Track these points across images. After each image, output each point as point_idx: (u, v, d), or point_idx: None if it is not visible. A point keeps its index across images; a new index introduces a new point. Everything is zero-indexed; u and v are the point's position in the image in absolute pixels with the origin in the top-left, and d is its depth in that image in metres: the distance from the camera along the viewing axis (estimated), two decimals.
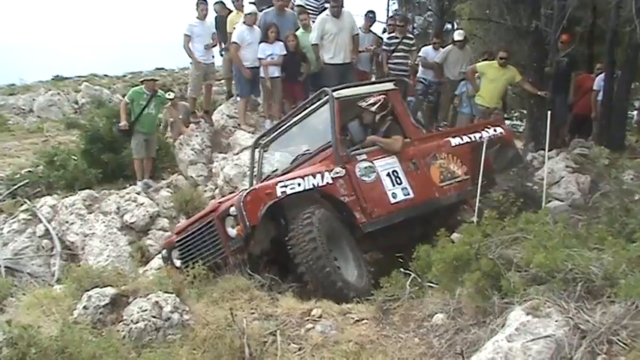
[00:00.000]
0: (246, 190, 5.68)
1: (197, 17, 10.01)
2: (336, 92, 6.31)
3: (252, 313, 4.68)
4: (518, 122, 16.04)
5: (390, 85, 6.81)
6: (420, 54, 11.15)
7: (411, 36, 11.28)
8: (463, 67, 10.69)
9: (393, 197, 6.08)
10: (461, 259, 4.44)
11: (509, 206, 5.37)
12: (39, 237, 8.40)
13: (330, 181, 5.73)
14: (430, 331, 4.21)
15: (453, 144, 6.84)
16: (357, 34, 9.59)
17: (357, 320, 4.51)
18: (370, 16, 10.58)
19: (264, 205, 5.29)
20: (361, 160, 6.08)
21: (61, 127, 16.45)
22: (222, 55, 11.03)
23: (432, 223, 6.37)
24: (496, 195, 6.09)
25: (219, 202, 5.73)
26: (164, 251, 6.29)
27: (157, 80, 9.77)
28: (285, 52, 9.48)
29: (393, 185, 6.11)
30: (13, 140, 15.25)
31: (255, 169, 7.35)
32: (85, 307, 4.44)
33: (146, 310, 4.26)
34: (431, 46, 11.25)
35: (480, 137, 7.00)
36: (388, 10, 18.53)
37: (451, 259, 4.47)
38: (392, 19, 11.39)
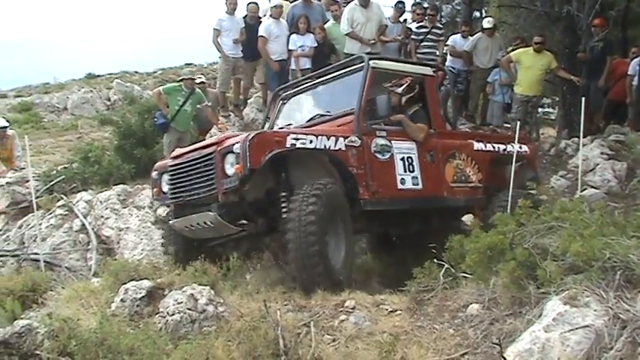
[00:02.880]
0: (254, 131, 5.44)
1: (226, 12, 10.06)
2: (373, 61, 6.12)
3: (286, 305, 4.71)
4: (551, 109, 15.80)
5: (428, 71, 6.65)
6: (449, 42, 11.06)
7: (440, 25, 11.18)
8: (493, 55, 10.56)
9: (402, 183, 5.87)
10: (495, 248, 4.41)
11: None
12: (75, 232, 8.54)
13: (343, 148, 5.47)
14: (465, 321, 4.18)
15: (475, 148, 6.67)
16: (386, 25, 9.53)
17: (391, 311, 4.50)
18: (400, 7, 10.50)
19: (270, 151, 5.01)
20: (380, 137, 5.84)
21: (95, 124, 16.68)
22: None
23: (432, 222, 6.31)
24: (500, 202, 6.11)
25: (226, 137, 5.38)
26: (154, 173, 6.05)
27: (194, 79, 9.74)
28: (316, 44, 9.46)
29: (405, 171, 5.90)
30: (48, 138, 15.52)
31: (270, 120, 7.17)
32: (122, 300, 4.53)
33: (182, 302, 4.31)
34: (459, 35, 11.14)
35: (504, 150, 6.83)
36: None
37: (485, 248, 4.43)
38: (418, 8, 11.24)
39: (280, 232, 5.11)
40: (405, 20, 10.86)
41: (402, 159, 5.91)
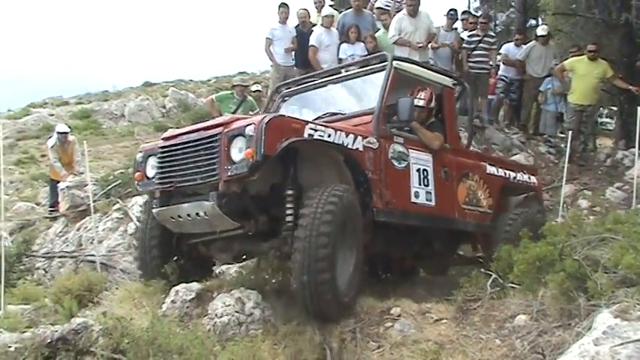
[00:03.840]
0: (270, 114, 4.93)
1: (278, 21, 10.21)
2: (397, 62, 5.72)
3: None
4: (608, 120, 15.39)
5: (448, 82, 6.24)
6: (501, 51, 10.95)
7: (492, 34, 11.07)
8: (546, 64, 10.40)
9: (415, 196, 5.37)
10: (544, 259, 4.35)
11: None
12: (130, 235, 8.79)
13: (361, 149, 4.93)
14: (512, 332, 4.13)
15: (488, 171, 6.26)
16: (434, 33, 9.50)
17: (437, 320, 4.49)
18: (452, 15, 10.44)
19: (287, 138, 4.42)
20: (397, 143, 5.34)
21: (150, 131, 17.14)
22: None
23: (434, 245, 5.93)
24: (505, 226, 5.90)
25: (234, 119, 4.73)
26: (139, 155, 5.33)
27: (247, 86, 9.91)
28: (366, 53, 9.50)
29: (419, 184, 5.42)
30: (106, 144, 16.04)
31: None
32: (172, 302, 4.68)
33: (230, 305, 4.42)
34: (512, 43, 11.02)
35: (514, 178, 6.55)
36: (469, 7, 18.23)
37: (534, 259, 4.38)
38: (470, 16, 11.17)
39: (281, 239, 4.61)
40: (456, 29, 10.79)
41: (418, 170, 5.45)
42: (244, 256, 5.43)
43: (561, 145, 9.86)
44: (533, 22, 16.52)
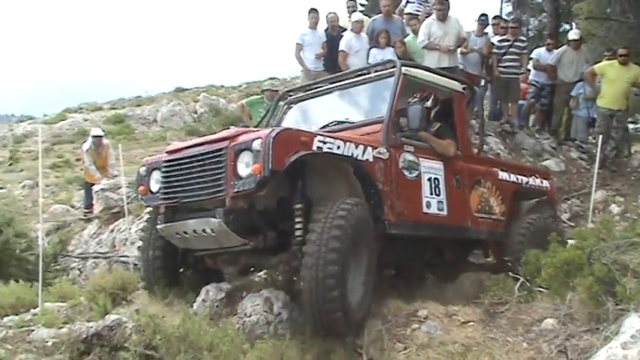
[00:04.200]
0: (277, 127, 4.71)
1: (309, 27, 10.29)
2: (405, 68, 5.51)
3: None
4: None
5: (458, 87, 6.05)
6: (533, 56, 10.88)
7: (523, 38, 10.98)
8: (578, 69, 10.30)
9: (427, 206, 5.22)
10: (572, 263, 4.35)
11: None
12: None
13: (371, 160, 4.79)
14: (539, 335, 4.13)
15: (500, 177, 6.12)
16: (464, 38, 9.49)
17: (464, 322, 4.50)
18: (482, 20, 10.41)
19: (295, 152, 4.26)
20: (408, 152, 5.19)
21: (182, 135, 17.38)
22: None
23: (445, 254, 5.82)
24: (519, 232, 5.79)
25: (240, 132, 4.58)
26: (142, 169, 5.18)
27: (276, 90, 10.02)
28: (395, 58, 9.53)
29: (431, 194, 5.27)
30: (138, 148, 16.33)
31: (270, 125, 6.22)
32: (203, 300, 4.78)
33: (258, 304, 4.49)
34: (544, 48, 10.94)
35: (526, 183, 6.41)
36: (501, 12, 18.11)
37: (562, 263, 4.39)
38: (501, 21, 11.12)
39: (290, 253, 4.49)
40: (487, 34, 10.76)
41: (429, 179, 5.30)
42: (252, 269, 5.38)
43: (593, 151, 9.75)
44: (566, 26, 16.35)
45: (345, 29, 10.25)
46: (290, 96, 6.53)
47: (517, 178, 6.31)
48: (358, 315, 4.36)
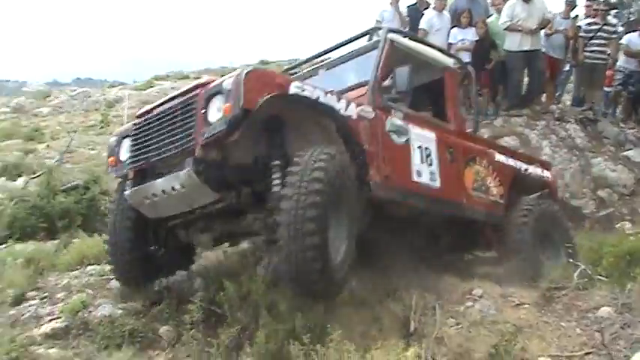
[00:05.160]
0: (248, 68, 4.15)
1: (390, 3, 10.19)
2: (393, 34, 5.24)
3: (417, 287, 4.89)
4: None
5: (450, 62, 5.79)
6: (623, 41, 10.43)
7: (613, 22, 10.53)
8: None
9: (417, 175, 4.88)
10: (635, 253, 4.29)
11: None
12: None
13: (354, 117, 4.47)
14: (594, 322, 4.14)
15: (497, 159, 5.82)
16: (549, 19, 9.23)
17: (518, 304, 4.54)
18: (570, 1, 10.07)
19: (268, 92, 3.95)
20: (396, 116, 4.88)
21: None
22: None
23: (441, 241, 5.55)
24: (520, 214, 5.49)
25: (211, 80, 4.27)
26: (113, 139, 4.85)
27: None
28: (477, 38, 9.41)
29: (422, 163, 4.94)
30: None
31: None
32: (264, 265, 5.01)
33: None
34: (636, 33, 10.45)
35: (526, 170, 6.11)
36: None
37: (624, 253, 4.34)
38: (593, 3, 10.69)
39: (268, 210, 4.07)
40: (577, 16, 10.40)
41: (420, 148, 4.97)
42: (226, 240, 5.07)
43: None
44: None
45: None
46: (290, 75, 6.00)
47: (516, 164, 6.04)
48: (339, 274, 3.97)
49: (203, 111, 4.03)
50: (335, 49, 5.75)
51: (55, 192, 7.01)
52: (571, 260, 4.85)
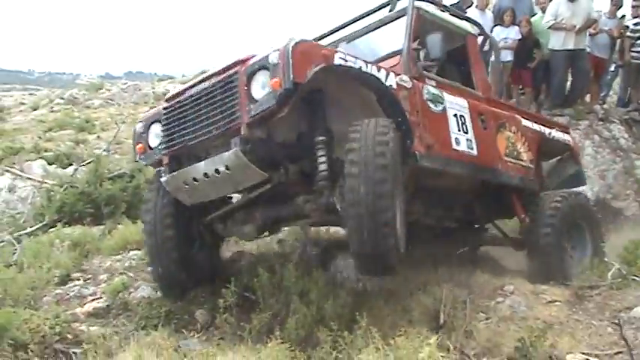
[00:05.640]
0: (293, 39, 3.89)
1: (476, 6, 10.03)
2: (419, 2, 5.12)
3: (449, 282, 4.93)
4: None
5: (470, 28, 5.70)
6: None
7: None
8: None
9: (456, 143, 4.80)
10: None
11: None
12: None
13: (394, 86, 4.33)
14: (626, 322, 4.10)
15: (524, 124, 5.73)
16: (594, 19, 9.07)
17: (549, 301, 4.53)
18: (616, 1, 9.86)
19: (316, 64, 3.80)
20: (430, 85, 4.82)
21: None
22: None
23: (475, 210, 5.54)
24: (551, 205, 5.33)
25: (249, 56, 4.03)
26: (139, 125, 4.64)
27: None
28: (520, 37, 9.31)
29: (459, 130, 4.85)
30: None
31: None
32: (299, 255, 5.15)
33: (350, 262, 4.77)
34: None
35: (549, 134, 6.01)
36: None
37: None
38: (638, 1, 10.44)
39: (317, 190, 4.03)
40: (624, 16, 10.18)
41: (455, 115, 4.88)
42: (270, 227, 4.76)
43: None
44: None
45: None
46: None
47: (540, 128, 5.96)
48: (402, 250, 3.87)
49: (246, 88, 3.86)
50: (354, 22, 5.63)
51: (102, 180, 7.28)
52: (597, 256, 4.78)
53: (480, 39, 5.95)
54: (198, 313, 4.50)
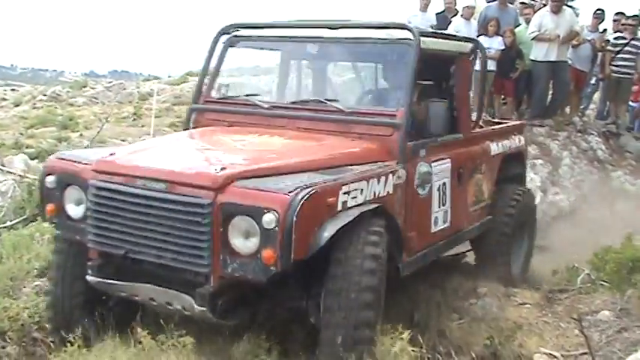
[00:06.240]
0: (303, 187, 2.96)
1: (419, 9, 10.23)
2: (423, 37, 4.04)
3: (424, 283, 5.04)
4: None
5: (466, 48, 4.72)
6: None
7: None
8: None
9: (435, 224, 4.19)
10: (638, 261, 4.38)
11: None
12: None
13: (391, 191, 3.60)
14: (592, 325, 4.22)
15: (492, 152, 5.05)
16: (577, 32, 9.28)
17: (521, 304, 4.67)
18: (598, 14, 10.11)
19: (319, 225, 2.98)
20: (422, 160, 4.00)
21: None
22: None
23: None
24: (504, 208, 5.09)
25: (228, 179, 3.02)
26: (49, 179, 3.50)
27: None
28: (503, 47, 9.48)
29: (439, 206, 4.21)
30: None
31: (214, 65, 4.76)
32: None
33: None
34: None
35: (510, 147, 5.37)
36: None
37: (627, 260, 4.43)
38: (623, 17, 10.68)
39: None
40: (605, 30, 10.42)
41: (439, 189, 4.18)
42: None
43: None
44: None
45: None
46: (235, 30, 4.62)
47: (503, 145, 5.29)
48: None
49: (221, 229, 2.94)
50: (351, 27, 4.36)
51: None
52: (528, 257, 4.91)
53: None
54: None
